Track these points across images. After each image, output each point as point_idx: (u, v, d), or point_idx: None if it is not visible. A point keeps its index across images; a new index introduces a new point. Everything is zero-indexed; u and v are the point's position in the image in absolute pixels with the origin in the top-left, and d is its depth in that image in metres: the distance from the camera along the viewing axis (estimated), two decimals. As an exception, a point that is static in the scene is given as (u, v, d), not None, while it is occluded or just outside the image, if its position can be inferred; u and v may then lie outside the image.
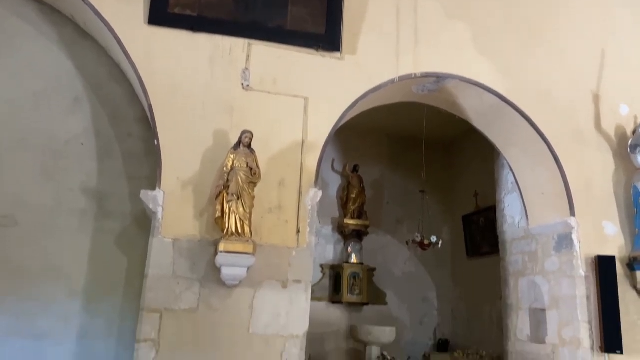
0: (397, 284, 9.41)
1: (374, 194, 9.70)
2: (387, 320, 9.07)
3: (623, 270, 5.82)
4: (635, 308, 5.74)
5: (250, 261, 4.54)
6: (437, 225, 9.75)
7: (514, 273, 6.72)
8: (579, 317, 5.59)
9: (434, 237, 7.44)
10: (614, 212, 6.00)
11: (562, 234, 5.94)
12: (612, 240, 5.91)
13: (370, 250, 9.32)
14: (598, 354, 5.48)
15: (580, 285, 5.68)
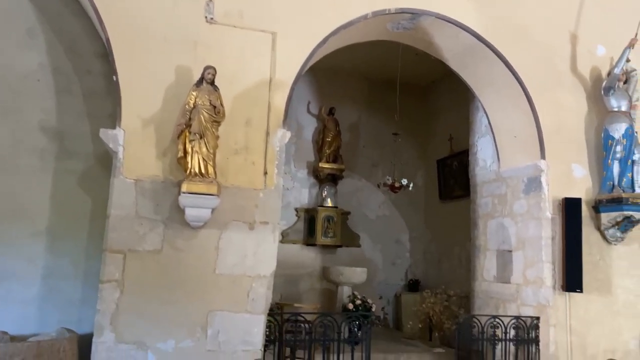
0: (371, 226, 9.49)
1: (350, 137, 9.58)
2: (360, 262, 9.20)
3: (589, 213, 5.91)
4: (598, 249, 5.87)
5: (214, 202, 4.46)
6: (412, 169, 9.78)
7: (484, 215, 6.80)
8: (543, 258, 5.72)
9: (404, 180, 7.43)
10: (584, 155, 6.01)
11: (532, 177, 5.97)
12: (580, 183, 5.96)
13: (345, 194, 9.31)
14: (559, 293, 5.64)
15: (546, 226, 5.76)
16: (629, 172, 5.72)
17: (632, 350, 5.79)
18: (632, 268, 5.96)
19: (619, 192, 5.63)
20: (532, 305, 5.79)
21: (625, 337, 5.80)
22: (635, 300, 5.91)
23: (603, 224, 5.80)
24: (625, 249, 5.96)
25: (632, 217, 5.58)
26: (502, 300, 6.23)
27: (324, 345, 4.95)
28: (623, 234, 5.80)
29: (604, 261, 5.87)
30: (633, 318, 5.86)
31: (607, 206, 5.73)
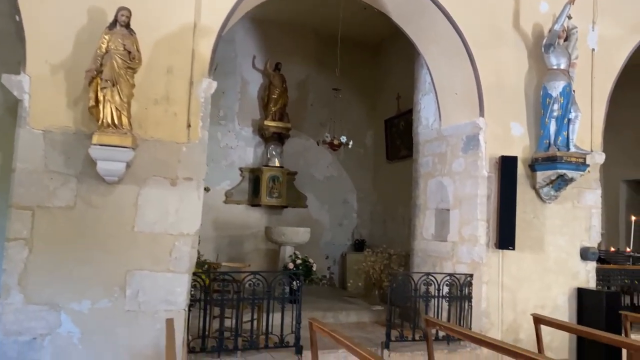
0: (318, 187, 9.37)
1: (297, 95, 9.30)
2: (307, 223, 9.11)
3: (525, 171, 5.91)
4: (532, 207, 5.91)
5: (128, 155, 4.16)
6: (361, 128, 9.65)
7: (424, 174, 6.74)
8: (478, 216, 5.71)
9: (344, 137, 7.27)
10: (523, 113, 5.96)
11: (471, 135, 5.89)
12: (518, 142, 5.92)
13: (292, 154, 9.11)
14: (493, 250, 5.68)
15: (482, 185, 5.74)
16: (565, 131, 5.72)
17: (560, 306, 5.94)
18: (565, 226, 6.05)
19: (554, 151, 5.63)
20: (466, 263, 5.81)
21: (554, 293, 5.93)
22: (567, 258, 6.03)
23: (538, 183, 5.82)
24: (559, 208, 6.03)
25: (566, 176, 5.60)
26: (439, 258, 6.25)
27: (253, 304, 4.82)
28: (557, 193, 5.85)
29: (538, 219, 5.93)
30: (563, 275, 5.98)
31: (543, 165, 5.74)
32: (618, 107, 11.51)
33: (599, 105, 6.36)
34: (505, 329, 5.67)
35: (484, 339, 3.63)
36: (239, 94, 8.89)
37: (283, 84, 8.82)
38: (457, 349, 5.47)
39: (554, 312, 5.87)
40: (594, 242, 6.21)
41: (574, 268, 6.05)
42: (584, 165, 5.66)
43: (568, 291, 5.99)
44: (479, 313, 5.61)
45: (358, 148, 9.68)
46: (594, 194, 6.27)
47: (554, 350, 5.80)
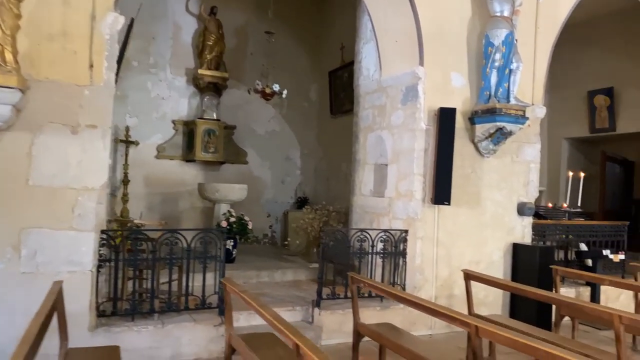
0: (260, 142, 8.95)
1: (236, 43, 8.71)
2: (247, 180, 8.71)
3: (464, 124, 5.71)
4: (471, 161, 5.75)
5: (15, 97, 3.61)
6: (305, 81, 9.22)
7: (364, 128, 6.44)
8: (414, 170, 5.50)
9: (276, 86, 6.85)
10: (464, 63, 5.70)
11: (410, 86, 5.60)
12: (458, 93, 5.68)
13: (230, 106, 8.60)
14: (429, 206, 5.50)
15: (419, 138, 5.50)
16: (506, 82, 5.50)
17: (495, 261, 5.89)
18: (503, 181, 5.94)
19: (494, 103, 5.43)
20: (402, 219, 5.63)
21: (490, 249, 5.87)
22: (503, 213, 5.95)
23: (477, 136, 5.64)
24: (498, 162, 5.90)
25: (505, 129, 5.43)
26: (377, 214, 6.05)
27: (171, 264, 4.46)
28: (496, 147, 5.69)
29: (476, 174, 5.78)
30: (499, 230, 5.91)
31: (482, 117, 5.54)
32: (563, 65, 11.60)
33: (542, 57, 6.18)
34: (439, 285, 5.58)
35: (405, 297, 3.45)
36: (170, 40, 8.21)
37: (219, 30, 8.20)
38: (390, 305, 5.33)
39: (489, 268, 5.83)
40: (532, 198, 6.16)
41: (510, 223, 5.99)
42: (524, 118, 5.50)
43: (504, 246, 5.94)
44: (413, 269, 5.48)
45: (302, 102, 9.29)
46: (534, 149, 6.16)
47: (488, 306, 5.78)
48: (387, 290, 3.64)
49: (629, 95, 10.16)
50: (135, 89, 7.96)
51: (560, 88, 11.58)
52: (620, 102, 10.33)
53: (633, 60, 10.01)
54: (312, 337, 4.87)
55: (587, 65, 10.91)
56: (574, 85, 11.06)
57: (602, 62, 10.59)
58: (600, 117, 10.64)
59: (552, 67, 11.74)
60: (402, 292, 3.61)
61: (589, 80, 10.77)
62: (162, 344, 4.32)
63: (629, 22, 9.78)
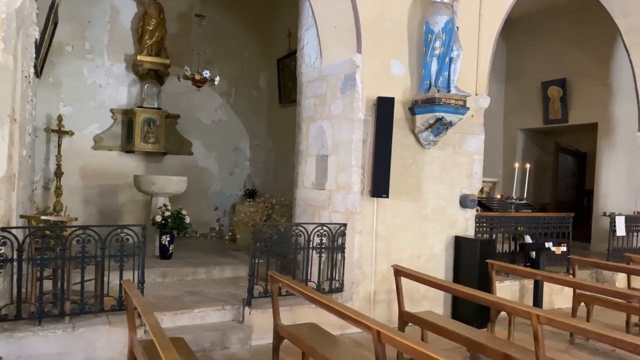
0: (206, 132, 8.62)
1: (181, 28, 8.32)
2: (192, 171, 8.41)
3: (405, 114, 5.53)
4: (411, 153, 5.58)
5: None
6: (254, 69, 8.92)
7: (307, 118, 6.20)
8: (353, 162, 5.30)
9: (207, 72, 6.55)
10: (405, 50, 5.51)
11: (348, 74, 5.38)
12: (398, 82, 5.49)
13: (174, 95, 8.23)
14: (367, 198, 5.31)
15: (357, 128, 5.29)
16: (446, 71, 5.32)
17: (437, 255, 5.76)
18: (445, 173, 5.80)
19: (434, 92, 5.25)
20: (341, 212, 5.44)
21: (431, 242, 5.73)
22: (445, 205, 5.82)
23: (417, 127, 5.47)
24: (439, 153, 5.75)
25: (444, 119, 5.27)
26: (318, 207, 5.84)
27: (83, 263, 4.14)
28: (436, 138, 5.53)
29: (417, 165, 5.62)
30: (441, 223, 5.78)
31: (422, 107, 5.37)
32: (518, 56, 11.61)
33: (486, 45, 6.04)
34: (378, 280, 5.42)
35: (315, 297, 3.24)
36: (108, 25, 7.77)
37: (160, 15, 7.80)
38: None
39: (430, 261, 5.70)
40: (475, 190, 6.05)
41: (453, 216, 5.86)
42: (464, 108, 5.34)
43: (445, 239, 5.82)
44: (352, 264, 5.30)
45: (251, 90, 8.99)
46: (477, 140, 6.03)
47: (430, 300, 5.66)
48: (299, 289, 3.42)
49: (580, 86, 10.22)
50: (70, 76, 7.51)
51: (515, 79, 11.60)
52: (572, 93, 10.39)
53: (585, 50, 10.05)
54: (242, 338, 4.65)
55: (541, 56, 10.92)
56: (529, 76, 11.07)
57: (555, 53, 10.61)
58: (554, 108, 10.69)
59: (508, 58, 11.87)
60: (313, 292, 3.39)
61: (543, 71, 10.79)
62: (73, 349, 4.01)
63: (582, 12, 9.80)
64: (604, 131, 9.83)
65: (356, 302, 5.26)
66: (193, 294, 5.33)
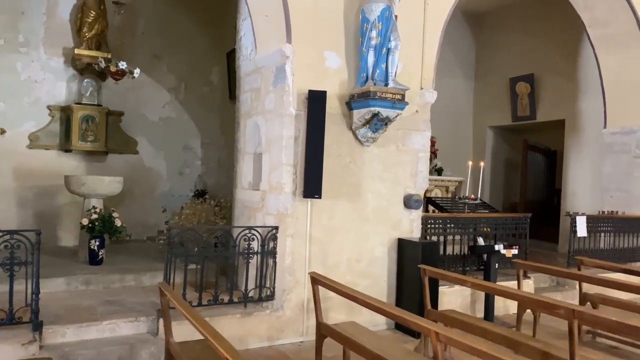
0: (153, 130, 8.21)
1: (124, 21, 7.90)
2: (138, 171, 8.03)
3: (342, 110, 5.18)
4: (349, 150, 5.23)
5: None
6: (206, 63, 8.55)
7: (244, 114, 5.84)
8: (283, 161, 4.94)
9: (123, 63, 6.15)
10: (341, 41, 5.15)
11: (280, 66, 5.02)
12: (334, 75, 5.14)
13: (118, 91, 7.80)
14: (300, 199, 4.96)
15: (288, 124, 4.93)
16: (383, 63, 4.98)
17: (378, 258, 5.42)
18: (387, 171, 5.45)
19: (369, 86, 4.90)
20: (273, 214, 5.07)
21: (372, 244, 5.38)
22: (387, 206, 5.47)
23: (354, 123, 5.12)
24: (381, 151, 5.40)
25: (380, 115, 4.92)
26: (253, 209, 5.48)
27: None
28: (375, 134, 5.19)
29: (356, 164, 5.27)
30: (383, 224, 5.43)
31: (358, 102, 5.02)
32: (488, 50, 11.30)
33: (432, 36, 5.70)
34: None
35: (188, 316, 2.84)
36: (44, 16, 7.34)
37: (100, 6, 7.39)
38: (254, 312, 4.79)
39: (371, 265, 5.37)
40: (421, 189, 5.71)
41: (396, 217, 5.52)
42: (402, 102, 4.99)
43: (388, 242, 5.47)
44: (283, 270, 4.94)
45: (202, 86, 8.60)
46: (422, 137, 5.70)
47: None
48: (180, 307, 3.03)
49: (548, 82, 9.94)
50: (2, 71, 7.08)
51: (485, 75, 11.30)
52: (540, 89, 10.11)
53: (552, 45, 9.78)
54: (153, 353, 4.28)
55: (510, 51, 10.64)
56: (498, 72, 10.78)
57: (524, 48, 10.33)
58: (522, 105, 10.41)
59: (478, 53, 11.57)
60: (190, 310, 2.98)
61: (512, 66, 10.50)
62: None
63: (550, 5, 9.50)
64: (571, 128, 9.56)
65: (287, 310, 4.90)
66: (111, 303, 4.94)
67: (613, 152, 8.20)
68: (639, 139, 7.85)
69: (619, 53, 7.85)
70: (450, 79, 11.13)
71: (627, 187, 7.99)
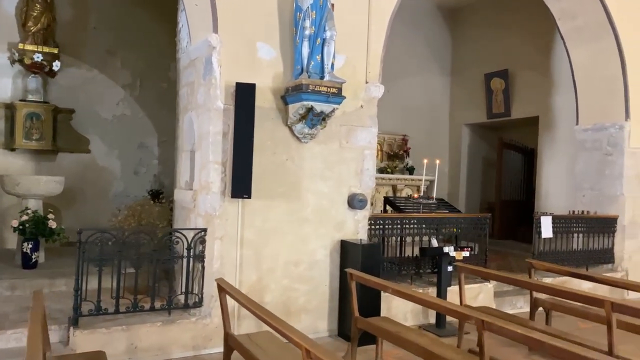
0: (106, 128, 7.92)
1: (74, 14, 7.62)
2: (90, 171, 7.76)
3: (277, 104, 4.89)
4: (286, 147, 4.94)
5: None
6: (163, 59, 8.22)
7: (183, 109, 5.57)
8: (211, 158, 4.65)
9: (38, 56, 5.87)
10: (275, 31, 4.86)
11: (208, 57, 4.72)
12: (268, 67, 4.85)
13: (68, 87, 7.53)
14: (230, 200, 4.66)
15: (215, 119, 4.64)
16: (318, 54, 4.69)
17: (320, 261, 5.12)
18: (329, 170, 5.16)
19: (301, 79, 4.60)
20: (202, 215, 4.78)
21: (312, 247, 5.09)
22: (330, 206, 5.18)
23: (290, 118, 4.83)
24: (322, 148, 5.11)
25: (314, 109, 4.63)
26: (188, 209, 5.18)
27: None
28: (312, 130, 4.89)
29: (293, 162, 4.98)
30: (325, 226, 5.14)
31: (292, 96, 4.73)
32: (464, 46, 10.99)
33: (378, 29, 5.40)
34: (245, 292, 4.73)
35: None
36: (-13, 9, 7.07)
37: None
38: (178, 319, 4.51)
39: (311, 269, 5.08)
40: (367, 188, 5.41)
41: (339, 217, 5.23)
42: (338, 97, 4.70)
43: (330, 244, 5.18)
44: (211, 275, 4.64)
45: (160, 82, 8.30)
46: (369, 133, 5.40)
47: (311, 313, 5.08)
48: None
49: (522, 78, 9.64)
50: (-58, 66, 6.82)
51: (461, 71, 10.98)
52: (514, 85, 9.80)
53: (526, 39, 9.47)
54: (60, 364, 3.98)
55: (485, 47, 10.32)
56: (474, 68, 10.47)
57: (499, 43, 10.02)
58: (497, 102, 10.10)
59: (454, 49, 11.26)
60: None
61: (487, 62, 10.19)
62: None
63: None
64: (545, 125, 9.26)
65: (216, 318, 4.59)
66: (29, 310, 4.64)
67: (585, 149, 7.88)
68: (610, 136, 7.53)
69: (589, 46, 7.53)
70: (426, 76, 10.86)
71: (598, 186, 7.67)
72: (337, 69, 5.08)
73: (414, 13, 10.52)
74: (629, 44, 7.26)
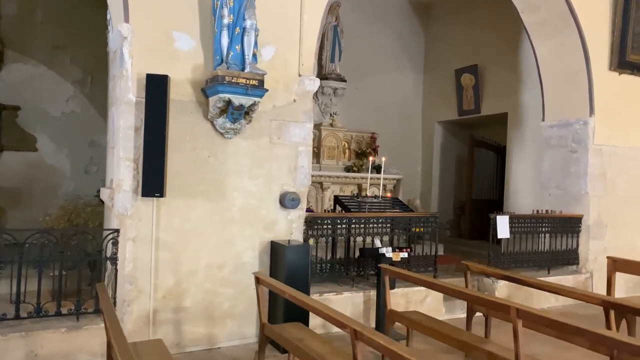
0: (55, 126, 7.68)
1: (20, 9, 7.39)
2: (38, 170, 7.54)
3: (197, 97, 4.64)
4: (208, 143, 4.68)
5: None
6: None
7: (110, 104, 5.31)
8: (121, 154, 4.40)
9: None
10: (195, 21, 4.61)
11: (120, 48, 4.46)
12: (186, 58, 4.60)
13: (13, 84, 7.31)
14: (143, 199, 4.40)
15: (127, 113, 4.40)
16: (238, 44, 4.42)
17: (247, 263, 4.85)
18: (258, 167, 4.90)
19: (218, 70, 4.35)
20: (117, 215, 4.52)
21: (238, 249, 4.82)
22: (259, 205, 4.91)
23: (210, 112, 4.57)
24: (249, 144, 4.85)
25: (233, 103, 4.37)
26: (109, 209, 4.93)
27: None
28: (235, 125, 4.63)
29: (217, 158, 4.72)
30: (253, 226, 4.88)
31: (210, 88, 4.48)
32: (436, 42, 10.70)
33: (311, 20, 5.13)
34: (160, 297, 4.50)
35: None
36: None
37: (-14, -8, 6.89)
38: (85, 325, 4.24)
39: (237, 272, 4.81)
40: (302, 186, 5.14)
41: (270, 217, 4.97)
42: (259, 89, 4.43)
43: (259, 245, 4.91)
44: (123, 278, 4.39)
45: (112, 79, 8.04)
46: (303, 129, 5.13)
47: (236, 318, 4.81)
48: None
49: (491, 74, 9.34)
50: None
51: (433, 68, 10.69)
52: (484, 81, 9.50)
53: (494, 34, 9.18)
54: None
55: (455, 42, 10.04)
56: (445, 64, 10.17)
57: (467, 37, 9.73)
58: (467, 98, 9.80)
59: (427, 45, 10.96)
60: None
61: (458, 58, 9.90)
62: None
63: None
64: (513, 122, 8.97)
65: (129, 324, 4.35)
66: None
67: (551, 146, 7.58)
68: (575, 132, 7.23)
69: (552, 40, 7.24)
70: (398, 73, 10.58)
71: (564, 185, 7.37)
72: (267, 60, 4.86)
73: (385, 9, 10.27)
74: (592, 37, 6.97)
